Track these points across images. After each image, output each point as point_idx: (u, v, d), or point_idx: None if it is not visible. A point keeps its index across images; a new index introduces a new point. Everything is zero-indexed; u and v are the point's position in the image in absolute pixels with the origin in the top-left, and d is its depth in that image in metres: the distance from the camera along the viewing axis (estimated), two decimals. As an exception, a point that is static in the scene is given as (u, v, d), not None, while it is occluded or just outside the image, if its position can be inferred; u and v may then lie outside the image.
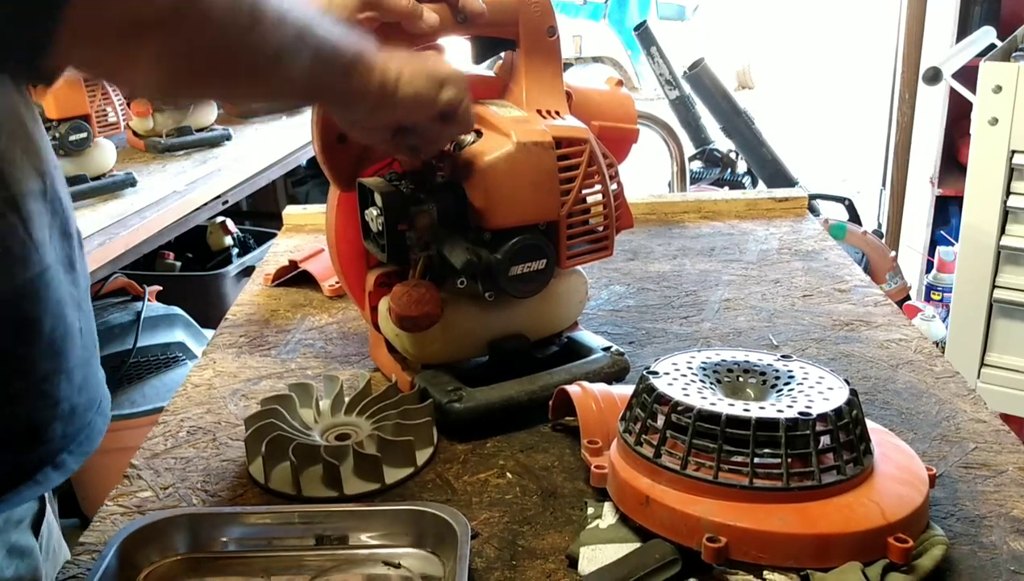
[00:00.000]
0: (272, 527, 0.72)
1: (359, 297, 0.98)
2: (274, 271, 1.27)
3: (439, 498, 0.79)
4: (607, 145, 0.97)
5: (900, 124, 3.21)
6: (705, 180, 3.36)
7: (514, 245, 0.87)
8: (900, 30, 3.21)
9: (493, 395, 0.89)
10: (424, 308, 0.87)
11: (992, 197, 2.17)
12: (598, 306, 1.17)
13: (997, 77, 2.10)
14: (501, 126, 0.87)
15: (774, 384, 0.75)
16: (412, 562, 0.71)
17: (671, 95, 3.36)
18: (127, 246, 1.84)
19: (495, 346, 0.95)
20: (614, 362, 0.94)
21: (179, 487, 0.82)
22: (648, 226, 1.45)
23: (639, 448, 0.71)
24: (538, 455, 0.86)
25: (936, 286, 3.02)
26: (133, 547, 0.69)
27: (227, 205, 2.23)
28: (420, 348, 0.93)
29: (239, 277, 2.50)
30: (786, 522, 0.65)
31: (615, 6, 7.36)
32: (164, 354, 2.10)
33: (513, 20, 0.92)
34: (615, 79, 1.08)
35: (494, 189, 0.85)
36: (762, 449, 0.67)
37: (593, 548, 0.70)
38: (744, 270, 1.27)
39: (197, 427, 0.92)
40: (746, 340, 1.07)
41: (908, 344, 1.05)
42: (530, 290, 0.90)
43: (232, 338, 1.11)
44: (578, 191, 0.89)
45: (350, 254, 0.98)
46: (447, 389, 0.89)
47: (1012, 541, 0.71)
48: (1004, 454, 0.84)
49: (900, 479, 0.70)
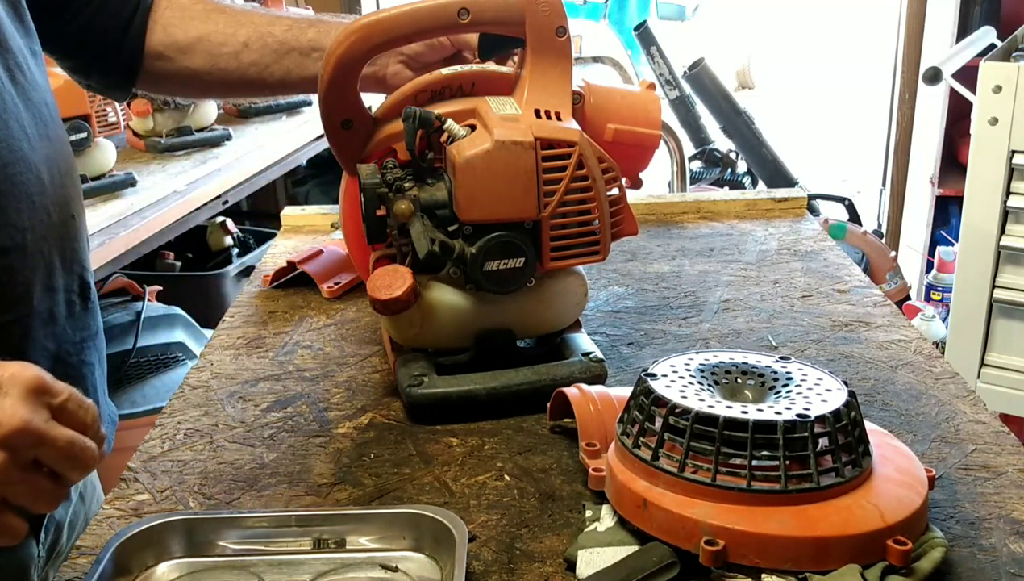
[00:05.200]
0: (269, 530, 0.72)
1: (366, 276, 1.00)
2: (272, 273, 1.27)
3: (437, 501, 0.79)
4: (624, 150, 0.97)
5: (900, 124, 3.21)
6: (705, 180, 3.36)
7: (488, 241, 0.89)
8: (900, 30, 3.21)
9: (452, 386, 0.91)
10: (393, 293, 0.88)
11: (992, 197, 2.16)
12: (597, 307, 1.17)
13: (997, 77, 2.10)
14: (489, 123, 0.89)
15: (772, 386, 0.75)
16: (410, 565, 0.71)
17: (671, 95, 3.36)
18: (127, 246, 1.84)
19: (480, 339, 0.95)
20: (587, 368, 0.94)
21: (176, 490, 0.82)
22: (647, 226, 1.45)
23: (637, 451, 0.71)
24: (536, 457, 0.85)
25: (936, 286, 3.02)
26: (129, 551, 0.69)
27: (227, 205, 2.23)
28: (398, 331, 0.95)
29: (239, 277, 2.50)
30: (784, 525, 0.65)
31: (615, 6, 7.36)
32: (164, 354, 2.10)
33: (519, 19, 0.92)
34: (647, 81, 1.08)
35: (471, 183, 0.87)
36: (760, 451, 0.67)
37: (591, 551, 0.70)
38: (743, 271, 1.27)
39: (194, 430, 0.92)
40: (745, 341, 1.07)
41: (907, 345, 1.05)
42: (507, 287, 0.91)
43: (230, 340, 1.11)
44: (563, 193, 0.89)
45: (357, 234, 1.00)
46: (413, 373, 0.92)
47: (1012, 543, 0.71)
48: (1004, 456, 0.83)
49: (899, 481, 0.70)
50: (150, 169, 2.15)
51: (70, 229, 0.88)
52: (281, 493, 0.81)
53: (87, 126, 1.87)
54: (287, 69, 1.05)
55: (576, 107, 0.96)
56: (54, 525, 0.95)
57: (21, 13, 0.88)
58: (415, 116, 0.88)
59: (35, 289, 0.83)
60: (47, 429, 0.63)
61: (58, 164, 0.86)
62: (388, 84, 1.05)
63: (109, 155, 1.94)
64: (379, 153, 0.95)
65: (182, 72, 1.06)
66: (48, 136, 0.86)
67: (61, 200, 0.86)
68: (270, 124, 2.60)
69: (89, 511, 1.02)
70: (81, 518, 1.01)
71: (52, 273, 0.85)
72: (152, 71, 1.06)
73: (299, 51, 1.04)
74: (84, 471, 0.66)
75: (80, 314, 0.91)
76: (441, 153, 0.92)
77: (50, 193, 0.84)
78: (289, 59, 1.04)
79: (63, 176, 0.87)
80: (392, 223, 0.90)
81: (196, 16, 1.05)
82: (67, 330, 0.88)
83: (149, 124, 2.24)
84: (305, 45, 1.04)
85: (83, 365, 0.91)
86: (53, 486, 0.65)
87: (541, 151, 0.88)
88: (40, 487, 0.65)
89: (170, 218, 1.99)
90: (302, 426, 0.92)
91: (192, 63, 1.05)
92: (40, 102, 0.86)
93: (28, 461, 0.63)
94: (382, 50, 0.92)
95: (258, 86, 1.08)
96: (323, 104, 0.94)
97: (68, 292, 0.88)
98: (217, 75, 1.06)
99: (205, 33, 1.04)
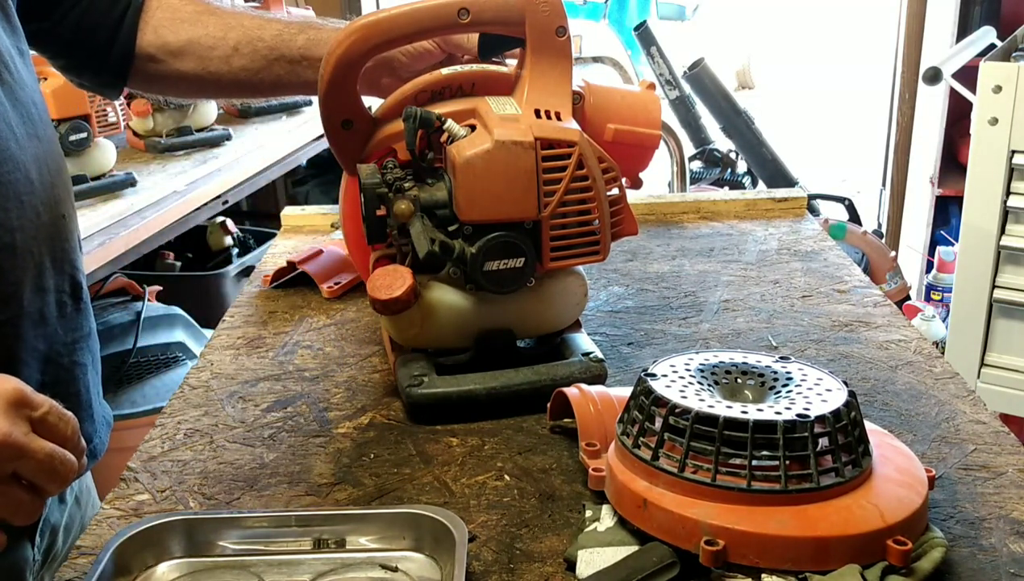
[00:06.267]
0: (269, 530, 0.72)
1: (366, 276, 1.00)
2: (272, 273, 1.27)
3: (437, 501, 0.79)
4: (625, 150, 0.97)
5: (900, 124, 3.21)
6: (705, 180, 3.36)
7: (488, 241, 0.89)
8: (900, 30, 3.21)
9: (452, 386, 0.91)
10: (393, 293, 0.88)
11: (992, 197, 2.16)
12: (597, 307, 1.17)
13: (997, 77, 2.10)
14: (489, 123, 0.89)
15: (772, 386, 0.75)
16: (410, 565, 0.71)
17: (671, 95, 3.36)
18: (127, 246, 1.84)
19: (480, 339, 0.95)
20: (587, 368, 0.94)
21: (176, 490, 0.82)
22: (647, 226, 1.45)
23: (637, 451, 0.71)
24: (536, 457, 0.85)
25: (936, 286, 3.02)
26: (129, 551, 0.69)
27: (227, 205, 2.23)
28: (398, 331, 0.94)
29: (239, 277, 2.50)
30: (784, 525, 0.65)
31: (615, 6, 7.36)
32: (164, 354, 2.10)
33: (519, 19, 0.92)
34: (647, 81, 1.08)
35: (471, 183, 0.87)
36: (760, 451, 0.67)
37: (591, 551, 0.70)
38: (743, 271, 1.27)
39: (194, 429, 0.92)
40: (745, 341, 1.07)
41: (907, 345, 1.05)
42: (508, 287, 0.91)
43: (230, 340, 1.11)
44: (563, 193, 0.89)
45: (357, 234, 1.00)
46: (413, 373, 0.92)
47: (1012, 543, 0.71)
48: (1004, 456, 0.83)
49: (899, 481, 0.70)
50: (150, 169, 2.15)
51: (60, 229, 0.88)
52: (281, 493, 0.81)
53: (87, 126, 1.87)
54: (277, 75, 1.05)
55: (576, 107, 0.96)
56: (49, 529, 0.95)
57: (7, 12, 0.88)
58: (415, 116, 0.89)
59: (25, 289, 0.83)
60: (26, 442, 0.63)
61: (47, 164, 0.86)
62: (382, 91, 1.05)
63: (109, 155, 1.94)
64: (379, 153, 0.95)
65: (173, 74, 1.06)
66: (37, 135, 0.85)
67: (51, 200, 0.86)
68: (270, 124, 2.60)
69: (85, 515, 1.02)
70: (77, 522, 1.01)
71: (42, 273, 0.85)
72: (144, 72, 1.07)
73: (288, 58, 1.05)
74: (63, 484, 0.66)
75: (72, 314, 0.90)
76: (441, 153, 0.92)
77: (39, 193, 0.84)
78: (279, 65, 1.05)
79: (53, 176, 0.87)
80: (392, 223, 0.90)
81: (186, 19, 1.05)
82: (58, 331, 0.88)
83: (149, 124, 2.24)
84: (295, 52, 1.04)
85: (75, 366, 0.91)
86: (32, 498, 0.66)
87: (541, 151, 0.88)
88: (19, 500, 0.65)
89: (170, 218, 1.99)
90: (302, 426, 0.92)
91: (183, 66, 1.05)
92: (28, 101, 0.86)
93: (7, 474, 0.63)
94: (382, 50, 0.92)
95: (250, 89, 1.09)
96: (323, 104, 0.94)
97: (59, 293, 0.88)
98: (208, 78, 1.06)
99: (195, 37, 1.04)
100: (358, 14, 2.51)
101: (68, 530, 0.99)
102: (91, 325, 0.95)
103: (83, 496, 1.03)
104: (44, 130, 0.88)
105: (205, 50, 1.04)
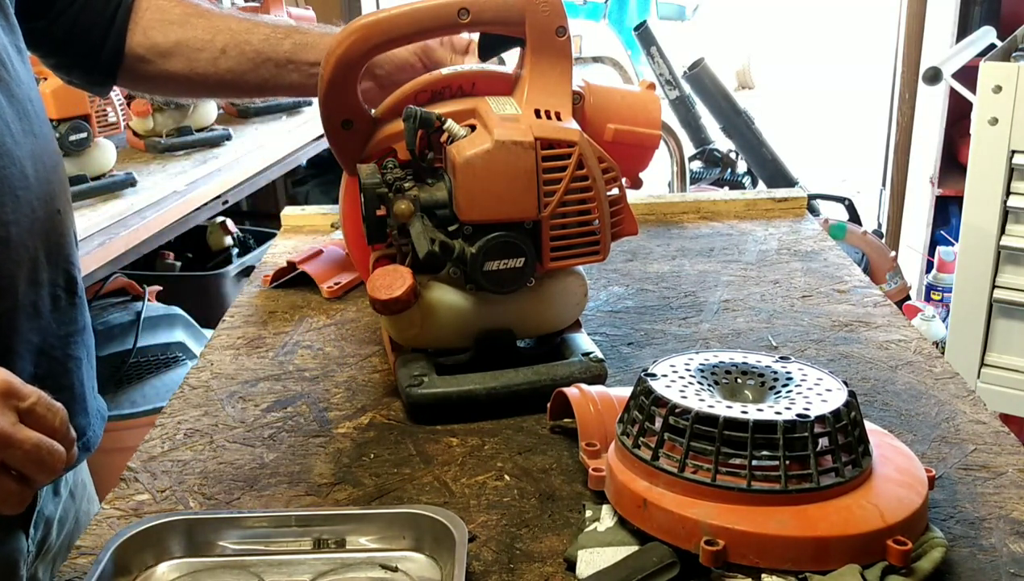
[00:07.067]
0: (269, 530, 0.72)
1: (366, 276, 1.00)
2: (272, 273, 1.27)
3: (436, 501, 0.79)
4: (624, 150, 0.97)
5: (900, 124, 3.21)
6: (705, 180, 3.36)
7: (488, 241, 0.89)
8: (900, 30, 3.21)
9: (452, 386, 0.91)
10: (393, 293, 0.88)
11: (992, 197, 2.16)
12: (597, 307, 1.17)
13: (997, 77, 2.10)
14: (489, 123, 0.89)
15: (772, 386, 0.75)
16: (410, 565, 0.71)
17: (671, 95, 3.36)
18: (127, 246, 1.84)
19: (480, 339, 0.95)
20: (587, 368, 0.94)
21: (176, 490, 0.82)
22: (647, 226, 1.45)
23: (637, 451, 0.71)
24: (536, 457, 0.85)
25: (936, 286, 3.02)
26: (129, 551, 0.69)
27: (227, 205, 2.23)
28: (398, 331, 0.95)
29: (239, 277, 2.50)
30: (784, 525, 0.65)
31: (615, 6, 7.36)
32: (164, 354, 2.10)
33: (519, 19, 0.92)
34: (647, 81, 1.08)
35: (471, 183, 0.87)
36: (760, 451, 0.67)
37: (591, 551, 0.70)
38: (743, 271, 1.27)
39: (194, 429, 0.92)
40: (745, 341, 1.07)
41: (907, 345, 1.05)
42: (508, 287, 0.91)
43: (230, 340, 1.11)
44: (564, 193, 0.89)
45: (357, 234, 1.00)
46: (413, 373, 0.92)
47: (1012, 543, 0.71)
48: (1004, 456, 0.83)
49: (899, 481, 0.70)
50: (150, 169, 2.15)
51: (56, 224, 0.89)
52: (281, 493, 0.81)
53: (87, 126, 1.87)
54: (263, 78, 1.07)
55: (576, 107, 0.96)
56: (43, 521, 0.96)
57: (6, 11, 0.89)
58: (415, 116, 0.89)
59: (19, 282, 0.84)
60: (13, 432, 0.63)
61: (43, 160, 0.87)
62: None
63: (109, 155, 1.94)
64: (379, 153, 0.95)
65: (162, 74, 1.08)
66: (33, 132, 0.86)
67: (46, 195, 0.87)
68: (270, 124, 2.60)
69: (79, 508, 1.03)
70: (71, 515, 1.01)
71: (37, 267, 0.86)
72: (133, 71, 1.08)
73: (275, 62, 1.06)
74: (51, 474, 0.66)
75: (66, 308, 0.91)
76: (441, 153, 0.92)
77: (35, 188, 0.85)
78: (265, 69, 1.06)
79: (48, 172, 0.88)
80: (392, 223, 0.90)
81: (175, 20, 1.06)
82: (52, 324, 0.89)
83: (149, 124, 2.24)
84: (281, 57, 1.06)
85: (69, 359, 0.92)
86: (19, 488, 0.66)
87: (541, 151, 0.88)
88: (7, 489, 0.65)
89: (170, 218, 1.99)
90: (302, 426, 0.92)
91: (172, 67, 1.07)
92: (24, 98, 0.87)
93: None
94: (382, 50, 0.92)
95: (236, 90, 1.11)
96: (323, 104, 0.94)
97: (53, 286, 0.89)
98: (196, 79, 1.07)
99: (184, 38, 1.06)
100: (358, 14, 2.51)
101: (62, 523, 0.99)
102: (86, 320, 0.96)
103: (78, 490, 1.04)
104: (40, 127, 0.88)
105: (193, 52, 1.06)
